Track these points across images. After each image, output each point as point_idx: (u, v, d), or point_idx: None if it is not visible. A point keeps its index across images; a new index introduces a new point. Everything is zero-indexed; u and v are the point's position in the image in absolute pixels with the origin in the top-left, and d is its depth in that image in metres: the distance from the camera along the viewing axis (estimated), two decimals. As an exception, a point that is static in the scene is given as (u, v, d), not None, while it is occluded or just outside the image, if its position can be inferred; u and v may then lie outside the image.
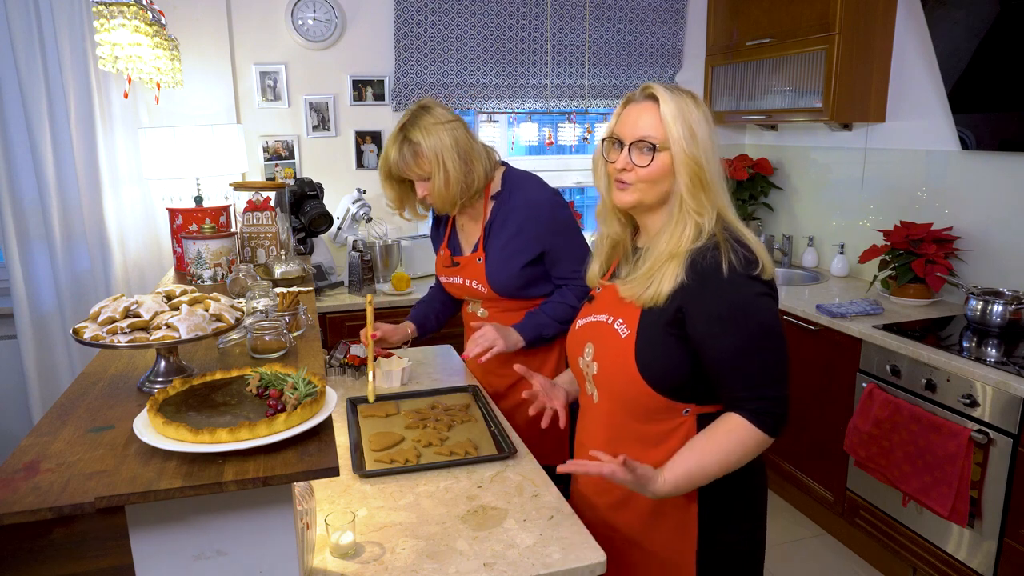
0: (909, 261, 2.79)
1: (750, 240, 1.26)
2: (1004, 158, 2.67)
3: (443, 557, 1.21)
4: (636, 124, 1.26)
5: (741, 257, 1.22)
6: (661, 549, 1.35)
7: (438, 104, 1.84)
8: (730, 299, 1.21)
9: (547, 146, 3.92)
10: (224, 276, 1.98)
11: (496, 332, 1.82)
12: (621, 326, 1.30)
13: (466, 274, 1.97)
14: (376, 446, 1.61)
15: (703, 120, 1.25)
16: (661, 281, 1.24)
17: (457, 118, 1.84)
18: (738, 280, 1.21)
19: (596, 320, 1.37)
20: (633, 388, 1.28)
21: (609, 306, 1.35)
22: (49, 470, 0.92)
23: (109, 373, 1.29)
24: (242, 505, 0.98)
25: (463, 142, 1.81)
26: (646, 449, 1.32)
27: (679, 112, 1.22)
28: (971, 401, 2.19)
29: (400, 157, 1.81)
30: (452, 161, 1.78)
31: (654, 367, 1.26)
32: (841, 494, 2.75)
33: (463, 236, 2.02)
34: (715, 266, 1.21)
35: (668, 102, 1.23)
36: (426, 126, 1.77)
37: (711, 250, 1.23)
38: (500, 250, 1.90)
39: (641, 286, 1.26)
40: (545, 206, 1.87)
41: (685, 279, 1.22)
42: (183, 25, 3.10)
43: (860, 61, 3.03)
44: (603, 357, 1.34)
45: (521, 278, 1.90)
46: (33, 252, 3.02)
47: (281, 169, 3.41)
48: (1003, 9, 2.47)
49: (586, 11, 3.63)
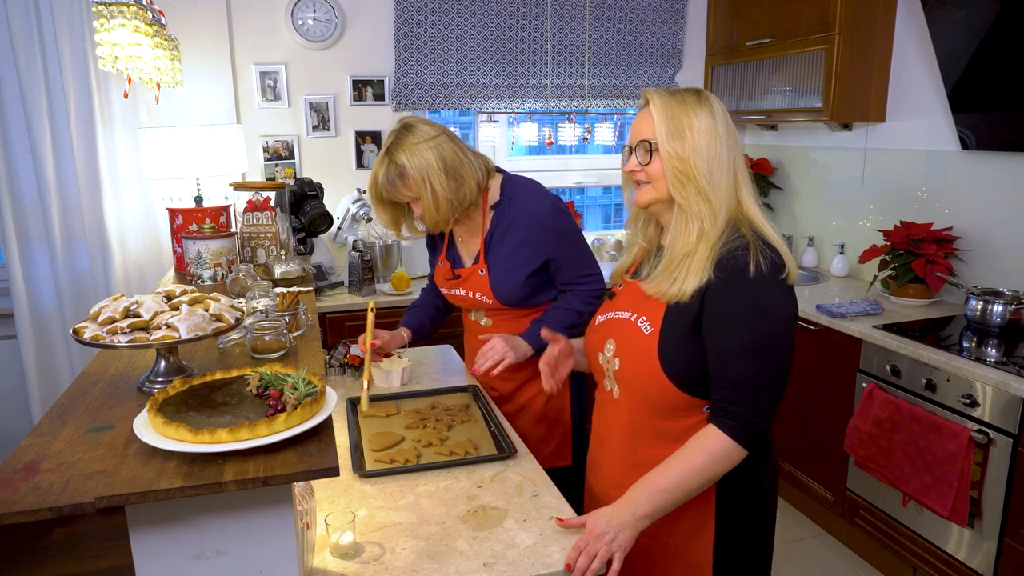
0: (909, 261, 2.79)
1: (777, 243, 1.28)
2: (1004, 158, 2.67)
3: (443, 557, 1.21)
4: (638, 128, 1.32)
5: (769, 260, 1.23)
6: (679, 546, 1.36)
7: (421, 120, 1.80)
8: (751, 300, 1.22)
9: (547, 146, 3.92)
10: (224, 276, 1.98)
11: (505, 344, 1.80)
12: (644, 323, 1.31)
13: (469, 286, 1.95)
14: (376, 446, 1.61)
15: (703, 115, 1.26)
16: (686, 278, 1.25)
17: (442, 131, 1.79)
18: (763, 283, 1.22)
19: (618, 317, 1.38)
20: (655, 385, 1.29)
21: (632, 303, 1.37)
22: (49, 470, 0.92)
23: (109, 373, 1.29)
24: (242, 505, 0.98)
25: (450, 157, 1.77)
26: (665, 445, 1.32)
27: (665, 109, 1.26)
28: (971, 401, 2.19)
29: (387, 180, 1.78)
30: (439, 180, 1.74)
31: (676, 364, 1.27)
32: (841, 494, 2.75)
33: (462, 247, 2.00)
34: (743, 266, 1.22)
35: (657, 103, 1.28)
36: (409, 146, 1.74)
37: (740, 250, 1.24)
38: (504, 261, 1.88)
39: (665, 282, 1.28)
40: (547, 214, 1.85)
41: (712, 276, 1.24)
42: (183, 25, 3.11)
43: (860, 61, 3.03)
44: (625, 354, 1.34)
45: (526, 288, 1.89)
46: (33, 252, 3.02)
47: (281, 169, 3.41)
48: (1003, 9, 2.47)
49: (586, 11, 3.63)
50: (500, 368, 1.79)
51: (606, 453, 1.46)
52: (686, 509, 1.33)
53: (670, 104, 1.27)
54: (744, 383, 1.22)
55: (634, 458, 1.38)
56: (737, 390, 1.23)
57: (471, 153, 1.85)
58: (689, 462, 1.24)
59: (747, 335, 1.21)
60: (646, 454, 1.35)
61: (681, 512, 1.33)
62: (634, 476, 1.34)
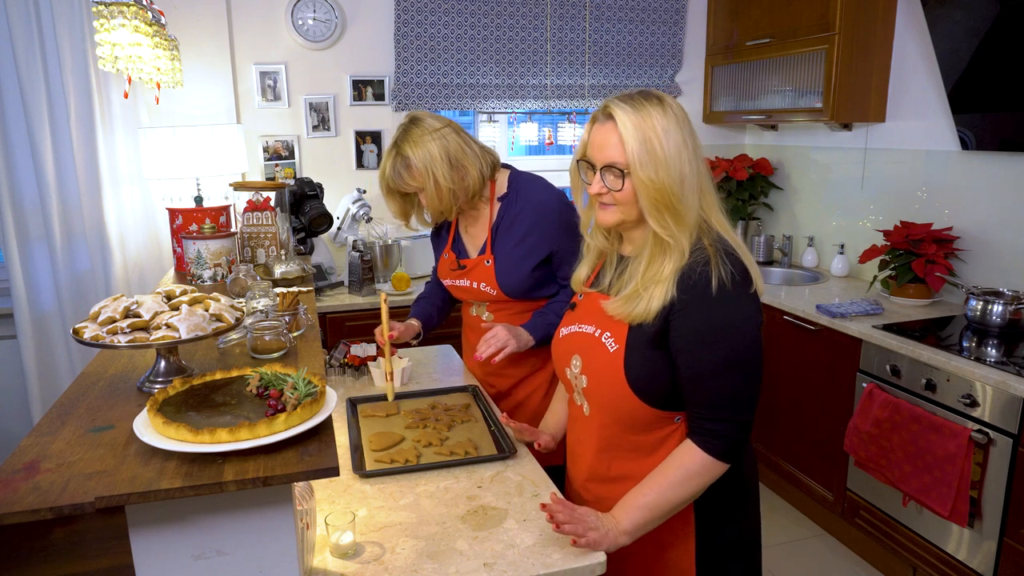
0: (909, 261, 2.79)
1: (741, 253, 1.24)
2: (1004, 158, 2.67)
3: (443, 557, 1.21)
4: (603, 148, 1.23)
5: (730, 273, 1.20)
6: (661, 548, 1.36)
7: (428, 115, 1.86)
8: (715, 318, 1.20)
9: (547, 146, 3.92)
10: (224, 276, 1.98)
11: (508, 332, 1.83)
12: (609, 340, 1.29)
13: (474, 277, 1.97)
14: (376, 446, 1.61)
15: (672, 130, 1.19)
16: (650, 300, 1.22)
17: (447, 124, 1.85)
18: (726, 299, 1.19)
19: (582, 331, 1.36)
20: (624, 402, 1.28)
21: (594, 317, 1.34)
22: (49, 470, 0.92)
23: (109, 373, 1.29)
24: (242, 505, 0.98)
25: (454, 149, 1.82)
26: (639, 458, 1.32)
27: (636, 131, 1.18)
28: (971, 401, 2.19)
29: (394, 171, 1.84)
30: (442, 171, 1.80)
31: (644, 381, 1.25)
32: (841, 494, 2.75)
33: (468, 239, 2.02)
34: (705, 282, 1.20)
35: (625, 122, 1.19)
36: (414, 138, 1.80)
37: (701, 265, 1.21)
38: (510, 252, 1.91)
39: (630, 305, 1.24)
40: (554, 207, 1.89)
41: (675, 294, 1.21)
42: (183, 25, 3.11)
43: (860, 61, 3.03)
44: (592, 371, 1.33)
45: (531, 280, 1.91)
46: (33, 252, 3.02)
47: (281, 169, 3.41)
48: (1003, 9, 2.47)
49: (586, 11, 3.63)
50: (501, 356, 1.81)
51: (579, 469, 1.46)
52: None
53: (638, 123, 1.18)
54: (718, 400, 1.21)
55: (608, 473, 1.38)
56: (711, 407, 1.22)
57: (477, 146, 1.90)
58: (667, 478, 1.23)
59: (717, 355, 1.20)
60: (621, 468, 1.35)
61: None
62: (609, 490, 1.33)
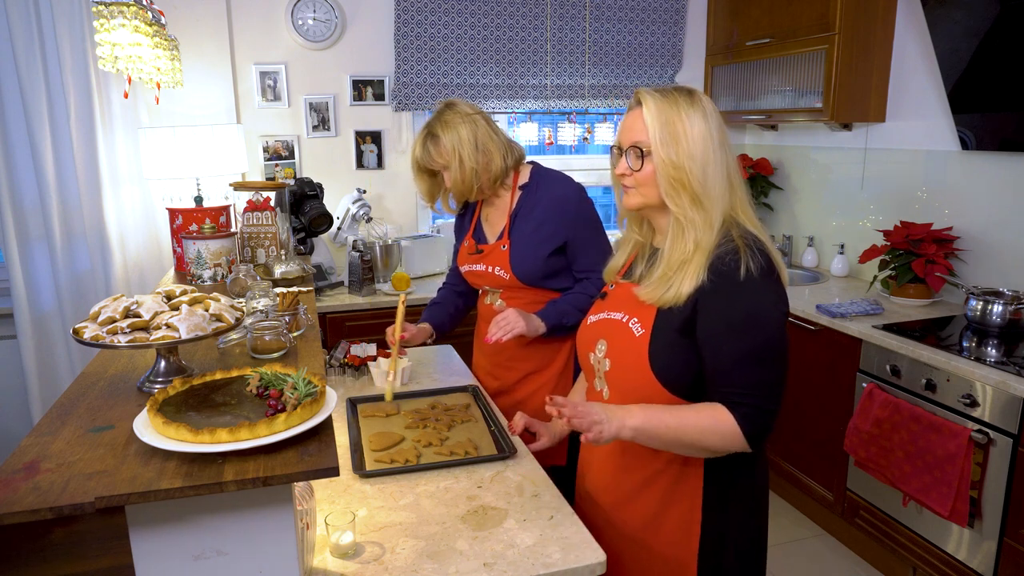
0: (909, 261, 2.79)
1: (767, 246, 1.27)
2: (1004, 158, 2.67)
3: (443, 557, 1.21)
4: (630, 130, 1.30)
5: (759, 263, 1.22)
6: (664, 548, 1.35)
7: (462, 102, 1.97)
8: (745, 306, 1.21)
9: (547, 146, 3.92)
10: (224, 276, 1.98)
11: (518, 315, 1.85)
12: (636, 324, 1.31)
13: (489, 261, 2.01)
14: (376, 446, 1.61)
15: (696, 118, 1.25)
16: (681, 283, 1.24)
17: (479, 112, 1.96)
18: (755, 287, 1.21)
19: (610, 318, 1.38)
20: (646, 386, 1.29)
21: (624, 304, 1.36)
22: (49, 470, 0.92)
23: (109, 373, 1.29)
24: (242, 505, 0.98)
25: (481, 134, 1.92)
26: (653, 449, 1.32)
27: (659, 114, 1.24)
28: (971, 401, 2.19)
29: (423, 150, 1.95)
30: (468, 151, 1.89)
31: (667, 366, 1.26)
32: (841, 494, 2.75)
33: (488, 227, 2.07)
34: (733, 269, 1.22)
35: (651, 106, 1.25)
36: (447, 120, 1.91)
37: (731, 253, 1.23)
38: (526, 238, 1.95)
39: (660, 288, 1.27)
40: (572, 198, 1.96)
41: (706, 280, 1.23)
42: (183, 25, 3.10)
43: (860, 61, 3.03)
44: (616, 355, 1.34)
45: (545, 267, 1.95)
46: (33, 252, 3.02)
47: (281, 169, 3.41)
48: (1003, 9, 2.47)
49: (586, 11, 3.63)
50: (509, 336, 1.84)
51: (596, 455, 1.46)
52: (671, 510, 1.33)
53: (663, 107, 1.25)
54: (748, 387, 1.22)
55: (623, 460, 1.38)
56: (743, 391, 1.22)
57: (504, 137, 2.00)
58: (697, 415, 1.22)
59: (744, 344, 1.21)
60: (636, 457, 1.35)
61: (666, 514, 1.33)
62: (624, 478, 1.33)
